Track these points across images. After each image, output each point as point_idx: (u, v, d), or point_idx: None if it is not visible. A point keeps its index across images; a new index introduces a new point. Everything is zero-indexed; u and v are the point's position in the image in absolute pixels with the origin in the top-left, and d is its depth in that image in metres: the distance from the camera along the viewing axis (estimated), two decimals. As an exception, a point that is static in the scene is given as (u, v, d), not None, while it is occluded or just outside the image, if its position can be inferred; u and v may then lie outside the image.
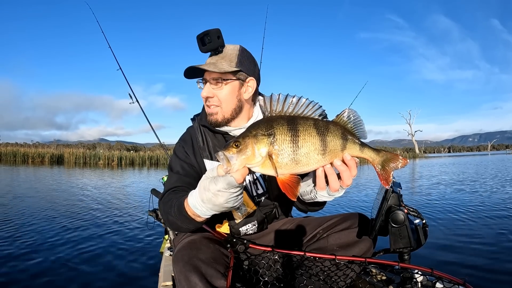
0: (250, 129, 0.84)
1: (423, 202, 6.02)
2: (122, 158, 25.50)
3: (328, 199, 1.04)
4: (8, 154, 25.36)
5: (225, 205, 0.86)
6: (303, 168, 0.86)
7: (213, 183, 0.84)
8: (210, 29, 1.20)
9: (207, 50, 1.22)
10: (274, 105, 0.87)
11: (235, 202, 0.86)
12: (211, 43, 1.20)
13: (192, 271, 1.00)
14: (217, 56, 1.23)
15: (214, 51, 1.23)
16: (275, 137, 0.83)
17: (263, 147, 0.82)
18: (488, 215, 4.78)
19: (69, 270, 2.77)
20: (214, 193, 0.84)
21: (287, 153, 0.83)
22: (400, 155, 0.92)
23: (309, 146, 0.85)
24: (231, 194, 0.83)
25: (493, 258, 2.94)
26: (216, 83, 1.21)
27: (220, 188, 0.82)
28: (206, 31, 1.20)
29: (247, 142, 0.81)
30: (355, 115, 0.92)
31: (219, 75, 1.21)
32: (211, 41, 1.20)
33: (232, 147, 0.81)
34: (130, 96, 2.59)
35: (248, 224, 1.32)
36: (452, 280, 1.07)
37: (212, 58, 1.24)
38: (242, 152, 0.81)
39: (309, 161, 0.85)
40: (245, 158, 0.81)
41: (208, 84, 1.22)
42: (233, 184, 0.81)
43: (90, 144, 49.81)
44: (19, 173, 14.34)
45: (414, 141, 56.72)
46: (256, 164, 0.82)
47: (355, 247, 1.24)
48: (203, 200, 0.88)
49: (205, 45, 1.21)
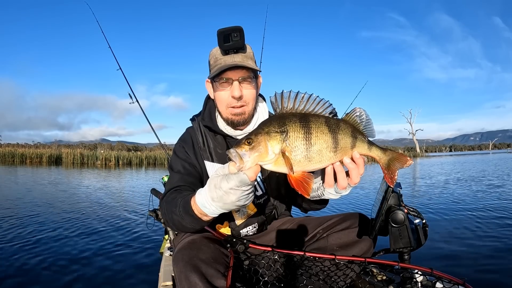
0: (262, 126, 0.83)
1: (423, 202, 6.02)
2: (120, 158, 25.44)
3: (335, 197, 1.03)
4: (7, 154, 25.38)
5: (236, 203, 0.84)
6: (315, 165, 0.85)
7: (225, 181, 0.81)
8: (233, 26, 1.15)
9: (233, 47, 1.18)
10: (285, 102, 0.86)
11: (246, 200, 0.84)
12: (238, 41, 1.17)
13: (192, 271, 1.00)
14: (243, 54, 1.20)
15: (239, 49, 1.19)
16: (288, 134, 0.82)
17: (276, 144, 0.81)
18: (488, 214, 4.77)
19: (69, 270, 2.78)
20: (225, 191, 0.82)
21: (300, 150, 0.83)
22: (405, 155, 0.93)
23: (321, 143, 0.84)
24: (243, 192, 0.82)
25: (493, 258, 2.94)
26: (248, 82, 1.21)
27: (233, 186, 0.80)
28: (232, 27, 1.15)
29: (260, 139, 0.80)
30: (364, 113, 0.92)
31: (249, 74, 1.20)
32: (239, 38, 1.16)
33: (245, 144, 0.79)
34: (130, 96, 2.59)
35: (248, 226, 1.33)
36: (452, 280, 1.07)
37: (237, 57, 1.19)
38: (255, 149, 0.79)
39: (322, 158, 0.85)
40: (258, 155, 0.79)
41: (236, 83, 1.19)
42: (245, 182, 0.79)
43: (91, 144, 49.85)
44: (17, 173, 14.34)
45: (415, 140, 56.69)
46: (269, 162, 0.81)
47: (355, 247, 1.24)
48: (213, 199, 0.86)
49: (230, 42, 1.16)
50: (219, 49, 1.21)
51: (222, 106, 1.24)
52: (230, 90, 1.20)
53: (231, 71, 1.18)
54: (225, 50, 1.19)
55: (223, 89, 1.21)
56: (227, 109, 1.23)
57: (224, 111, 1.25)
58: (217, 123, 1.31)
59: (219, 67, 1.18)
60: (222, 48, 1.19)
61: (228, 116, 1.24)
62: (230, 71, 1.18)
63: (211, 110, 1.34)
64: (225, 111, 1.24)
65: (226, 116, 1.25)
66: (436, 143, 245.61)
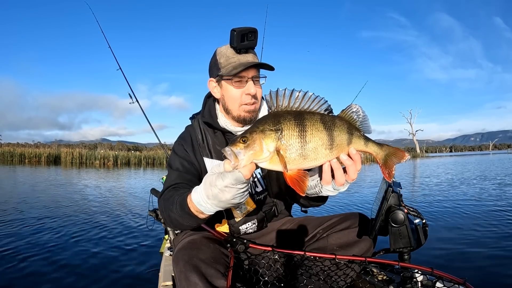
0: (257, 124, 0.83)
1: (423, 202, 6.02)
2: (118, 158, 25.44)
3: (332, 193, 1.04)
4: (6, 154, 25.40)
5: (231, 201, 0.84)
6: (311, 163, 0.86)
7: (220, 179, 0.82)
8: (248, 26, 1.20)
9: (247, 46, 1.22)
10: (280, 100, 0.86)
11: (241, 198, 0.85)
12: (253, 41, 1.21)
13: (192, 271, 1.00)
14: (253, 54, 1.25)
15: (252, 49, 1.24)
16: (283, 132, 0.82)
17: (271, 142, 0.81)
18: (488, 214, 4.77)
19: (69, 270, 2.77)
20: (221, 189, 0.82)
21: (295, 148, 0.83)
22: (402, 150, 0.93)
23: (316, 141, 0.85)
24: (238, 190, 0.82)
25: (493, 258, 2.94)
26: (258, 81, 1.25)
27: (228, 183, 0.81)
28: (249, 28, 1.20)
29: (255, 137, 0.81)
30: (360, 110, 0.92)
31: (258, 73, 1.23)
32: (254, 38, 1.20)
33: (240, 143, 0.80)
34: (130, 96, 2.59)
35: (248, 222, 1.33)
36: (453, 280, 1.07)
37: (248, 56, 1.23)
38: (249, 148, 0.80)
39: (317, 156, 0.85)
40: (252, 153, 0.80)
41: (251, 81, 1.22)
42: (240, 180, 0.80)
43: (91, 144, 49.86)
44: (16, 173, 14.34)
45: (415, 141, 56.69)
46: (263, 160, 0.82)
47: (355, 246, 1.24)
48: (208, 196, 0.86)
49: (245, 42, 1.20)
50: (229, 48, 1.23)
51: (234, 104, 1.25)
52: (244, 88, 1.22)
53: (245, 70, 1.20)
54: (238, 49, 1.22)
55: (237, 87, 1.23)
56: (240, 106, 1.24)
57: (236, 109, 1.25)
58: (218, 120, 1.31)
59: (236, 65, 1.20)
60: (238, 47, 1.21)
61: (241, 114, 1.25)
62: (245, 70, 1.20)
63: (210, 108, 1.34)
64: (238, 108, 1.25)
65: (238, 113, 1.25)
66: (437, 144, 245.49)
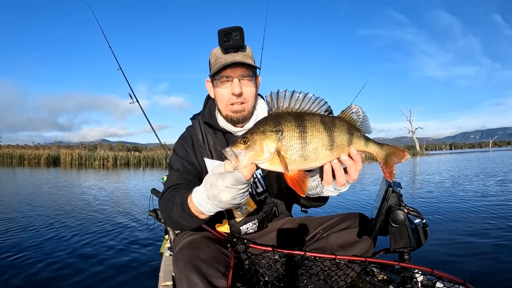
0: (258, 125, 0.84)
1: (424, 202, 6.01)
2: (117, 159, 25.41)
3: (333, 194, 1.04)
4: (5, 156, 25.36)
5: (231, 201, 0.84)
6: (311, 164, 0.86)
7: (221, 179, 0.82)
8: (233, 26, 1.19)
9: (233, 46, 1.20)
10: (281, 101, 0.87)
11: (241, 199, 0.85)
12: (238, 40, 1.19)
13: (193, 271, 1.00)
14: (242, 53, 1.23)
15: (239, 48, 1.22)
16: (283, 133, 0.83)
17: (271, 143, 0.82)
18: (489, 214, 4.76)
19: (69, 270, 2.78)
20: (221, 189, 0.82)
21: (295, 149, 0.83)
22: (402, 149, 0.93)
23: (317, 141, 0.85)
24: (239, 191, 0.82)
25: (494, 258, 2.93)
26: (247, 80, 1.22)
27: (228, 184, 0.81)
28: (233, 27, 1.19)
29: (255, 138, 0.81)
30: (360, 110, 0.92)
31: (248, 72, 1.22)
32: (239, 37, 1.19)
33: (240, 143, 0.80)
34: (130, 96, 2.59)
35: (248, 223, 1.33)
36: (453, 280, 1.07)
37: (237, 55, 1.21)
38: (250, 148, 0.80)
39: (318, 156, 0.86)
40: (253, 154, 0.80)
41: (236, 80, 1.21)
42: (241, 181, 0.80)
43: (91, 145, 49.84)
44: (15, 174, 14.32)
45: (415, 138, 56.67)
46: (264, 160, 0.82)
47: (355, 246, 1.24)
48: (209, 197, 0.86)
49: (230, 41, 1.19)
50: (220, 49, 1.23)
51: (222, 103, 1.26)
52: (230, 87, 1.22)
53: (231, 69, 1.20)
54: (225, 49, 1.21)
55: (223, 86, 1.23)
56: (227, 106, 1.24)
57: (224, 109, 1.26)
58: (217, 121, 1.32)
59: (220, 65, 1.20)
60: (223, 47, 1.21)
61: (228, 113, 1.25)
62: (230, 68, 1.19)
63: (211, 108, 1.35)
64: (225, 108, 1.25)
65: (226, 113, 1.26)
66: (436, 141, 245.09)
